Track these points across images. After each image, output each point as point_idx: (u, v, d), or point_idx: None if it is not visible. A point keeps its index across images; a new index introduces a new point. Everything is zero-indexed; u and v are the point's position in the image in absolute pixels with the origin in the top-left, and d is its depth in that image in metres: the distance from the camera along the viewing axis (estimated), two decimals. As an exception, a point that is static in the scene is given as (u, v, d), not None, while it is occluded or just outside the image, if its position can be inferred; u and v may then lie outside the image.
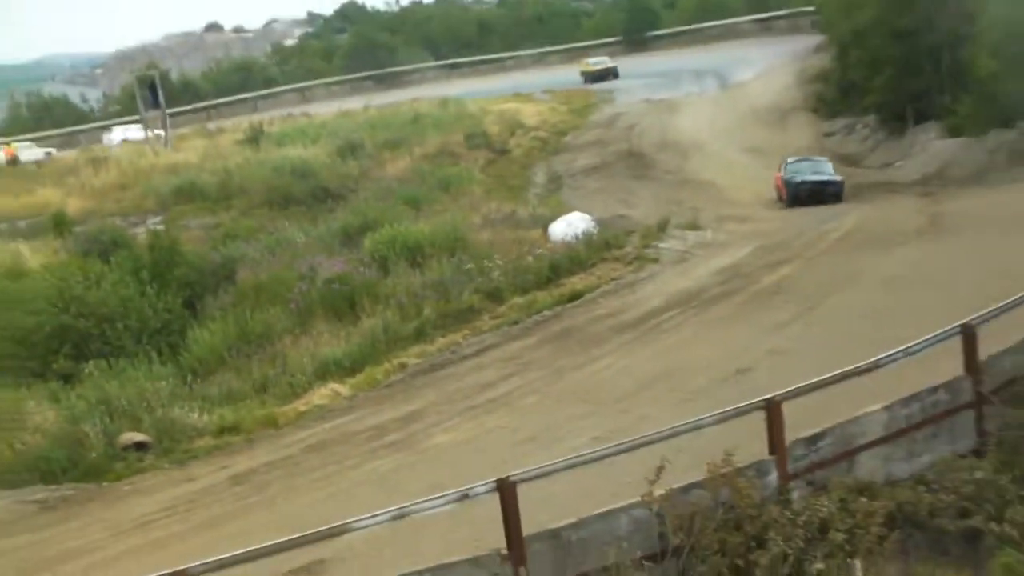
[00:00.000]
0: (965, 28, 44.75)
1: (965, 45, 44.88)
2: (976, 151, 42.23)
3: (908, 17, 47.34)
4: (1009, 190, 35.61)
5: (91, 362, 27.12)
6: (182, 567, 12.35)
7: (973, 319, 17.02)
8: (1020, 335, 17.89)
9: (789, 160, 44.33)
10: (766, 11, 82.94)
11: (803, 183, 41.69)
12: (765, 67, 65.79)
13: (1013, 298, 18.11)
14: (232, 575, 13.19)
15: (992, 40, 40.41)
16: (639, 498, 13.77)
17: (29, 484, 20.92)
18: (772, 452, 14.91)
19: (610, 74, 77.14)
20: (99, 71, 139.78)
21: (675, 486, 14.02)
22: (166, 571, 12.41)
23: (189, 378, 26.77)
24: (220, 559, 12.48)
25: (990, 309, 17.58)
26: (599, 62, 79.13)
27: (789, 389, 15.24)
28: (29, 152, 71.92)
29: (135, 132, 72.11)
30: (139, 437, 22.52)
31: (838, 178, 42.38)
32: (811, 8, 71.42)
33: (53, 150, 74.60)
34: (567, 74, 77.47)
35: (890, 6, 48.27)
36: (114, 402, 23.57)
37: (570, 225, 34.97)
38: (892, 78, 48.70)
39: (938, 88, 47.24)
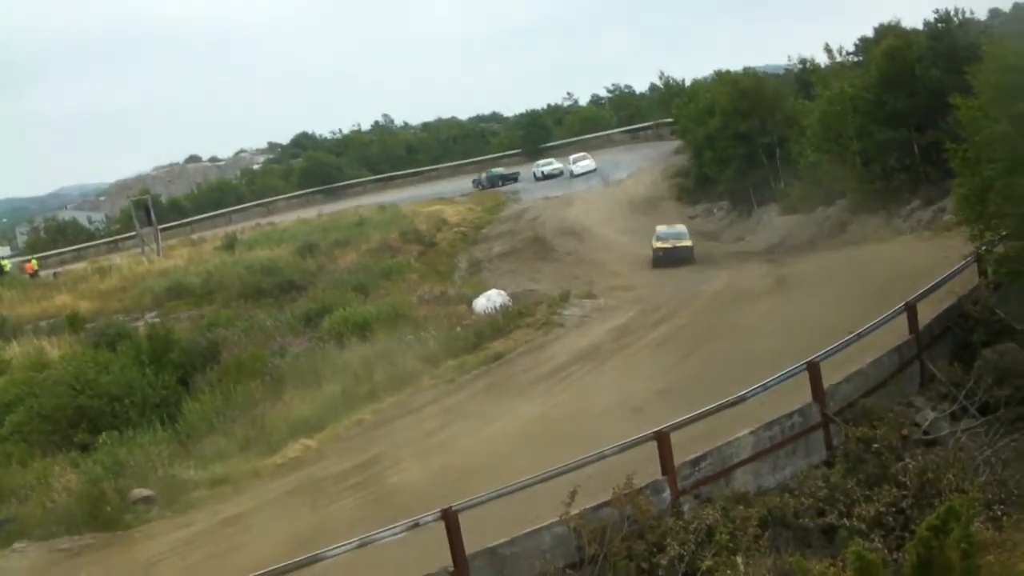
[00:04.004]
0: (790, 130, 45.87)
1: (791, 142, 45.92)
2: (807, 224, 42.92)
3: (746, 124, 48.48)
4: (834, 254, 36.20)
5: (104, 433, 26.99)
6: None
7: (815, 357, 17.20)
8: (853, 367, 18.13)
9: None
10: (634, 123, 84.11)
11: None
12: (637, 168, 66.49)
13: (844, 338, 18.37)
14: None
15: (814, 136, 41.27)
16: (558, 517, 13.67)
17: (56, 536, 20.75)
18: (664, 473, 14.89)
19: (687, 255, 42.83)
20: (102, 198, 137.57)
21: (587, 506, 13.96)
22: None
23: (185, 441, 26.76)
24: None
25: (827, 348, 17.79)
26: (677, 235, 44.57)
27: (674, 422, 15.29)
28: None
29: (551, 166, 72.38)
30: (146, 492, 22.32)
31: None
32: (670, 120, 72.47)
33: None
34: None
35: (732, 116, 49.41)
36: (124, 465, 23.47)
37: (489, 300, 35.01)
38: (737, 171, 49.65)
39: (774, 177, 48.22)
